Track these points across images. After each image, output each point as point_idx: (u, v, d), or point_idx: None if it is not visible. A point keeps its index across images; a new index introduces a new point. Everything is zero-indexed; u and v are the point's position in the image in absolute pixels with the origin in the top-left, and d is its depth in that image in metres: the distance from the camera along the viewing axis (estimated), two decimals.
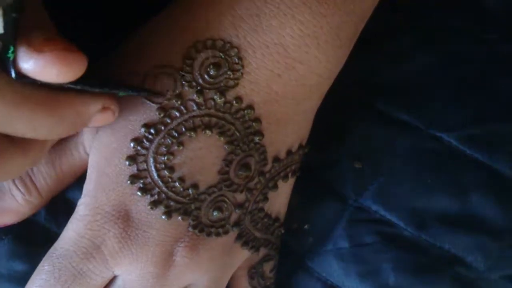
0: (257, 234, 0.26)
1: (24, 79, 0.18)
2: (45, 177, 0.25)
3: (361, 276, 0.29)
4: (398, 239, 0.29)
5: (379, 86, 0.30)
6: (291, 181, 0.27)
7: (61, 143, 0.25)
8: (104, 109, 0.22)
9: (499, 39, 0.30)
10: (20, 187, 0.25)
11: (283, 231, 0.28)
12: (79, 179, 0.26)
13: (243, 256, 0.26)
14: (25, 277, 0.25)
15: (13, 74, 0.18)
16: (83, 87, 0.20)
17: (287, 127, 0.25)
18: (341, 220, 0.29)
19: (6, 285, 0.27)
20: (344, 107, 0.30)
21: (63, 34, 0.20)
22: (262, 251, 0.27)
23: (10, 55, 0.18)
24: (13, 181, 0.25)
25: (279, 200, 0.27)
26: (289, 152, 0.26)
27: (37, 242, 0.26)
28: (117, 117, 0.23)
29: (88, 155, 0.25)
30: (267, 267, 0.28)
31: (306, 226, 0.30)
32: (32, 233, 0.27)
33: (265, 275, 0.28)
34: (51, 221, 0.27)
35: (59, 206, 0.27)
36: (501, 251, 0.28)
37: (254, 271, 0.27)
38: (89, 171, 0.24)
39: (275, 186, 0.26)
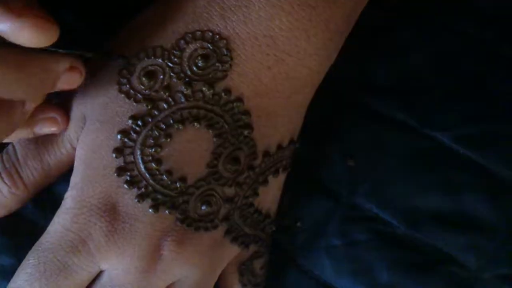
0: (247, 230, 0.26)
1: None
2: (32, 171, 0.25)
3: (354, 274, 0.28)
4: (391, 238, 0.28)
5: (374, 84, 0.30)
6: (281, 176, 0.27)
7: (48, 138, 0.25)
8: (72, 68, 0.22)
9: (495, 38, 0.30)
10: (6, 181, 0.25)
11: (274, 228, 0.28)
12: (67, 172, 0.26)
13: (232, 252, 0.26)
14: (12, 271, 0.24)
15: None
16: (50, 48, 0.21)
17: (277, 121, 0.25)
18: (334, 218, 0.29)
19: None
20: (338, 105, 0.30)
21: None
22: (252, 248, 0.27)
23: None
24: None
25: (269, 195, 0.27)
26: (279, 147, 0.25)
27: (24, 236, 0.26)
28: (105, 108, 0.23)
29: (75, 149, 0.25)
30: (257, 264, 0.28)
31: (298, 224, 0.29)
32: (19, 226, 0.27)
33: (255, 272, 0.28)
34: (38, 214, 0.27)
35: (46, 199, 0.26)
36: (494, 250, 0.28)
37: (244, 268, 0.27)
38: (76, 164, 0.24)
39: (266, 181, 0.26)
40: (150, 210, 0.23)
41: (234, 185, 0.24)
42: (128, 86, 0.23)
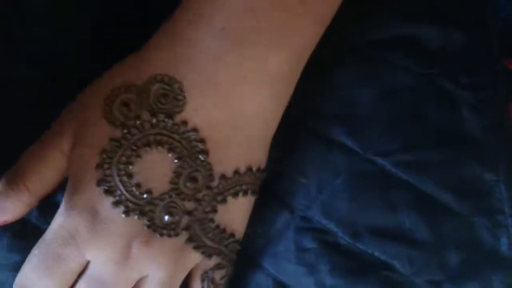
0: (208, 242, 0.29)
1: None
2: (34, 177, 0.29)
3: (305, 276, 0.32)
4: (335, 246, 0.32)
5: (324, 113, 0.33)
6: (243, 200, 0.30)
7: (43, 151, 0.29)
8: None
9: (438, 74, 0.32)
10: (12, 187, 0.29)
11: (239, 247, 0.31)
12: (66, 186, 0.30)
13: (195, 258, 0.30)
14: (20, 266, 0.29)
15: None
16: None
17: (229, 149, 0.29)
18: (290, 228, 0.32)
19: (7, 273, 0.31)
20: (293, 129, 0.33)
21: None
22: (215, 259, 0.30)
23: None
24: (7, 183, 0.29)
25: (231, 215, 0.30)
26: (236, 172, 0.29)
27: (31, 238, 0.30)
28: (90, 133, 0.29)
29: (66, 156, 0.29)
30: (218, 275, 0.31)
31: (259, 230, 0.33)
32: (26, 230, 0.31)
33: (215, 281, 0.31)
34: (42, 220, 0.31)
35: (49, 208, 0.31)
36: (425, 260, 0.31)
37: (205, 275, 0.31)
38: (69, 178, 0.29)
39: (224, 200, 0.29)
40: (122, 215, 0.28)
41: (193, 201, 0.28)
42: (110, 113, 0.28)
